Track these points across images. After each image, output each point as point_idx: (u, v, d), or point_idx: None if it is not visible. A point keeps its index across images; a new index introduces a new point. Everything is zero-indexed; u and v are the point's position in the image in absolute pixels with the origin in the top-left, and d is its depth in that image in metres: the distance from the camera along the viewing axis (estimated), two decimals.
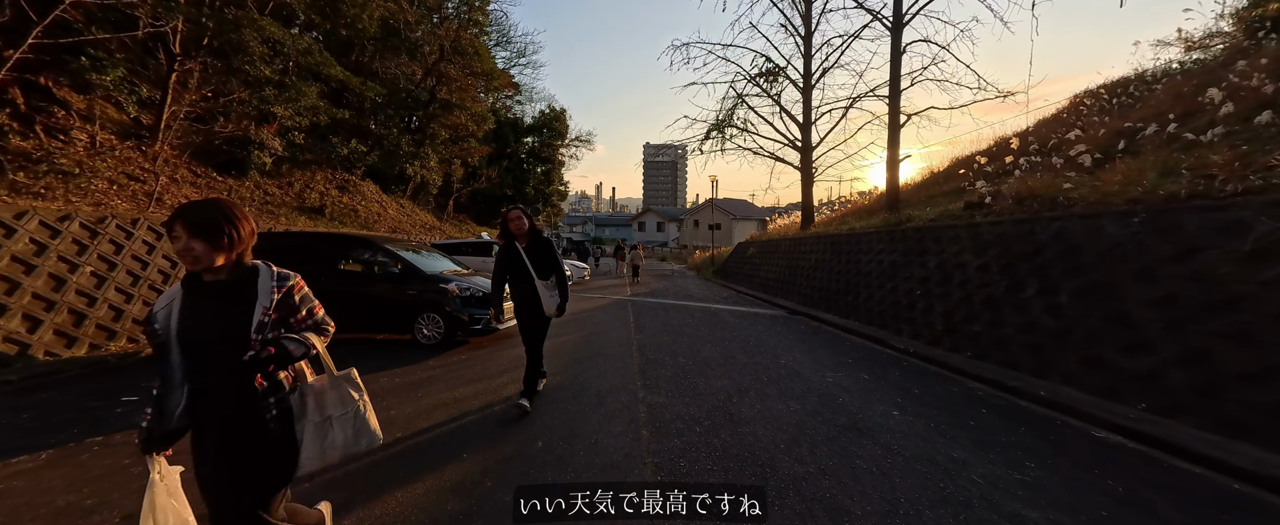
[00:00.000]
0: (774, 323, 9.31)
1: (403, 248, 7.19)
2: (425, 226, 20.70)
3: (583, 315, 9.79)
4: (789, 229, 19.78)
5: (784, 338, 7.67)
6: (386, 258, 6.79)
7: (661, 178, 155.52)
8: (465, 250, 14.66)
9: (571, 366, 5.55)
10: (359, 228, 14.77)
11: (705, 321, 9.19)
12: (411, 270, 6.63)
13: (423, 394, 4.48)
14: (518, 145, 32.01)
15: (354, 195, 17.01)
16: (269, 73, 11.44)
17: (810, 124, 16.63)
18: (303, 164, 15.41)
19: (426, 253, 7.73)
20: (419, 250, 7.74)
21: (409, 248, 7.54)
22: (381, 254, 6.83)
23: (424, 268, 6.79)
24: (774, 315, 10.49)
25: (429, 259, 7.38)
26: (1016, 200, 7.10)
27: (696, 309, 11.07)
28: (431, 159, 18.88)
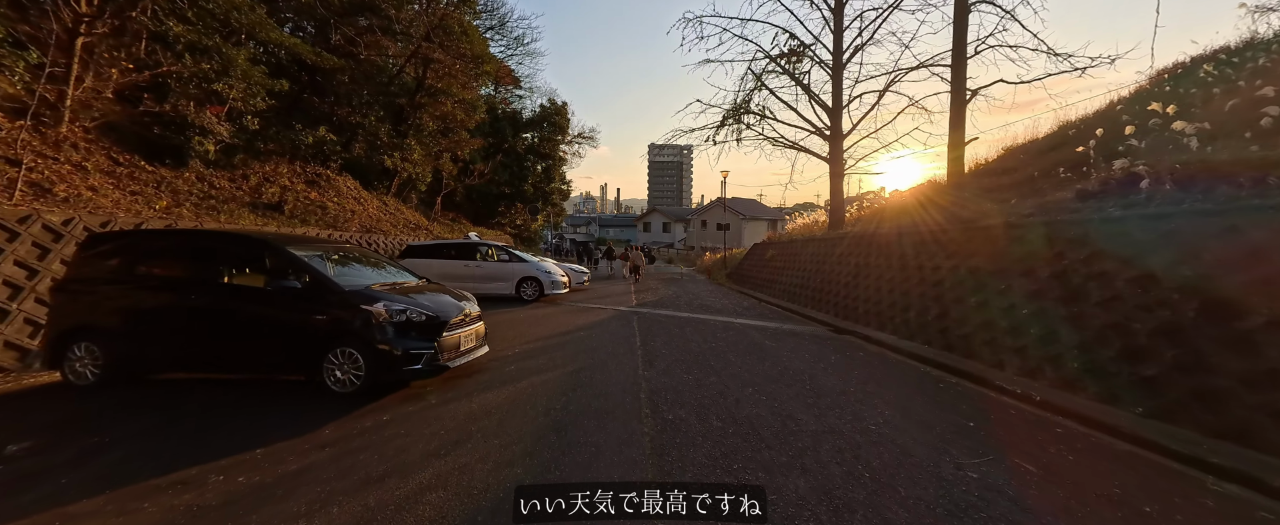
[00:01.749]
0: (821, 347, 7.27)
1: (315, 249, 5.11)
2: (410, 226, 18.81)
3: (575, 336, 7.80)
4: (811, 229, 17.72)
5: (846, 374, 5.64)
6: (282, 265, 4.74)
7: (666, 178, 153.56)
8: (447, 252, 12.71)
9: (544, 439, 3.55)
10: (324, 228, 12.89)
11: (733, 345, 7.17)
12: (320, 285, 4.62)
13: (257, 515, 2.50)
14: (516, 140, 30.12)
15: (326, 190, 15.13)
16: (179, 29, 9.51)
17: (841, 108, 14.57)
18: (262, 154, 13.53)
19: (361, 261, 5.72)
20: (353, 255, 5.75)
21: (337, 250, 5.55)
22: (277, 259, 4.79)
23: (343, 281, 4.79)
24: (815, 334, 8.46)
25: (356, 269, 5.39)
26: (1176, 181, 5.07)
27: (717, 325, 9.05)
28: (415, 151, 16.97)
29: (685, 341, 7.33)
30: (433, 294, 5.27)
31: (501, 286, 12.43)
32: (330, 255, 5.22)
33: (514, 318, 9.44)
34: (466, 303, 5.51)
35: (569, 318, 9.61)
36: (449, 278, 12.28)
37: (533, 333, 7.84)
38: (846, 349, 7.17)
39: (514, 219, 32.05)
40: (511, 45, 30.17)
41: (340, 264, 5.25)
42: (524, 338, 7.42)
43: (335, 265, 5.13)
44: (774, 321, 9.97)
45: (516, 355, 6.18)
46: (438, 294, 5.35)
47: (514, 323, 8.82)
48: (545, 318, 9.55)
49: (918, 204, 12.95)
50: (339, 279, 4.82)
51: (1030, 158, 10.30)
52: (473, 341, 5.30)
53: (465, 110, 18.43)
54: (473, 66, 17.82)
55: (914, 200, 14.51)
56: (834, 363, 6.16)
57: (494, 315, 9.58)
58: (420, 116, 18.59)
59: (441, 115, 19.23)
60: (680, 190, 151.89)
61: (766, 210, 55.44)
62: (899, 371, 5.84)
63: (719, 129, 16.37)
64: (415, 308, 4.68)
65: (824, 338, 8.05)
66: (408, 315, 4.57)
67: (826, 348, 7.19)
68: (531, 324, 8.73)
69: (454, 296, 5.45)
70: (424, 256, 12.50)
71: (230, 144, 11.99)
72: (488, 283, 12.43)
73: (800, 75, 15.24)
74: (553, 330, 8.12)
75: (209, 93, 10.90)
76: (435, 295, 5.24)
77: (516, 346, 6.75)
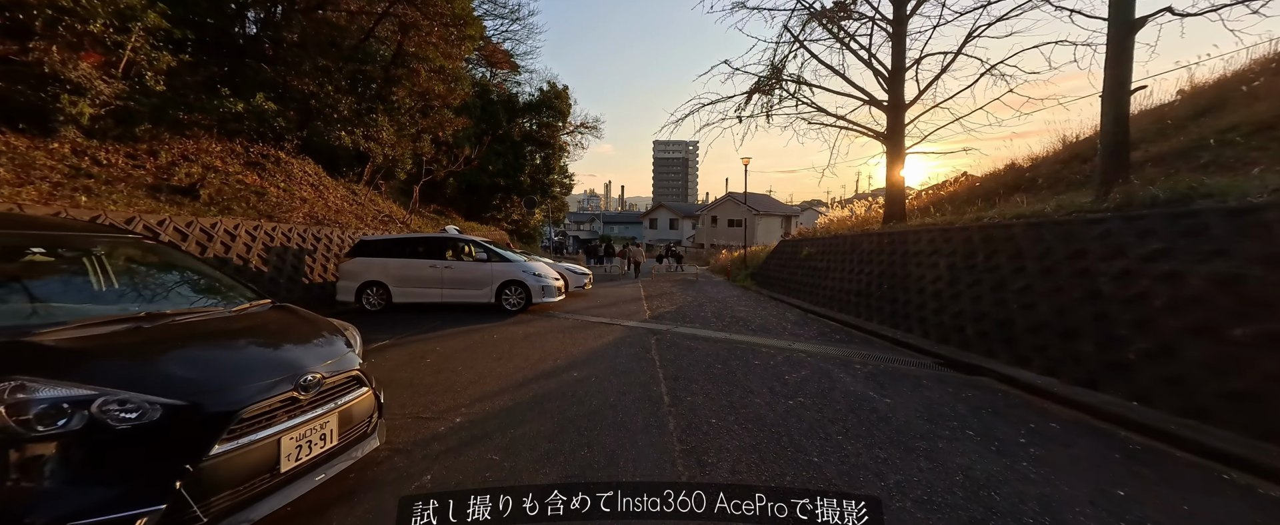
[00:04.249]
0: (966, 407, 4.46)
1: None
2: (383, 218, 16.11)
3: (563, 383, 5.03)
4: (855, 223, 14.90)
5: (1097, 495, 2.85)
6: None
7: (672, 175, 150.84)
8: (408, 250, 9.98)
9: None
10: (256, 218, 10.18)
11: (820, 402, 4.38)
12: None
13: None
14: (511, 126, 27.36)
15: (272, 175, 12.42)
16: None
17: (902, 72, 11.73)
18: (181, 126, 10.83)
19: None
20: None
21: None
22: None
23: None
24: (933, 376, 5.64)
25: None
26: None
27: (772, 356, 6.27)
28: (383, 128, 14.22)
29: (740, 393, 4.56)
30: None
31: (477, 293, 9.69)
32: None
33: (481, 341, 6.71)
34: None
35: (559, 340, 6.86)
36: (408, 283, 9.57)
37: (495, 376, 5.08)
38: (1010, 412, 4.36)
39: (510, 213, 29.34)
40: (507, 24, 27.41)
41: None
42: (480, 386, 4.67)
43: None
44: (842, 344, 7.18)
45: (437, 448, 3.42)
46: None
47: (476, 352, 6.08)
48: (526, 341, 6.80)
49: (986, 192, 10.14)
50: None
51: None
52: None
53: (445, 82, 15.63)
54: (454, 31, 15.06)
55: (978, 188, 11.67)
56: (1033, 454, 3.37)
57: (452, 338, 6.83)
58: (394, 91, 15.84)
59: (421, 91, 16.48)
60: (685, 187, 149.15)
61: (780, 206, 52.56)
62: (1172, 475, 3.06)
63: (748, 100, 13.58)
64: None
65: (952, 384, 5.25)
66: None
67: (977, 409, 4.39)
68: (502, 354, 5.98)
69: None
70: (378, 254, 9.79)
71: (127, 109, 9.29)
72: (459, 289, 9.70)
73: (849, 34, 12.41)
74: (530, 369, 5.37)
75: (83, 36, 8.18)
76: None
77: (454, 413, 4.00)
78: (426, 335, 7.15)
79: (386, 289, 9.61)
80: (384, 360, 5.60)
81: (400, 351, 6.06)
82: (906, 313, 8.29)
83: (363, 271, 9.63)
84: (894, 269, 9.37)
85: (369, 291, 9.63)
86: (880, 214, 15.12)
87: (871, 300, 9.67)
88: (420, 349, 6.20)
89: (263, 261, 9.19)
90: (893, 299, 8.93)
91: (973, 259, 7.29)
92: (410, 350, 6.13)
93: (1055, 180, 10.07)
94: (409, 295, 9.67)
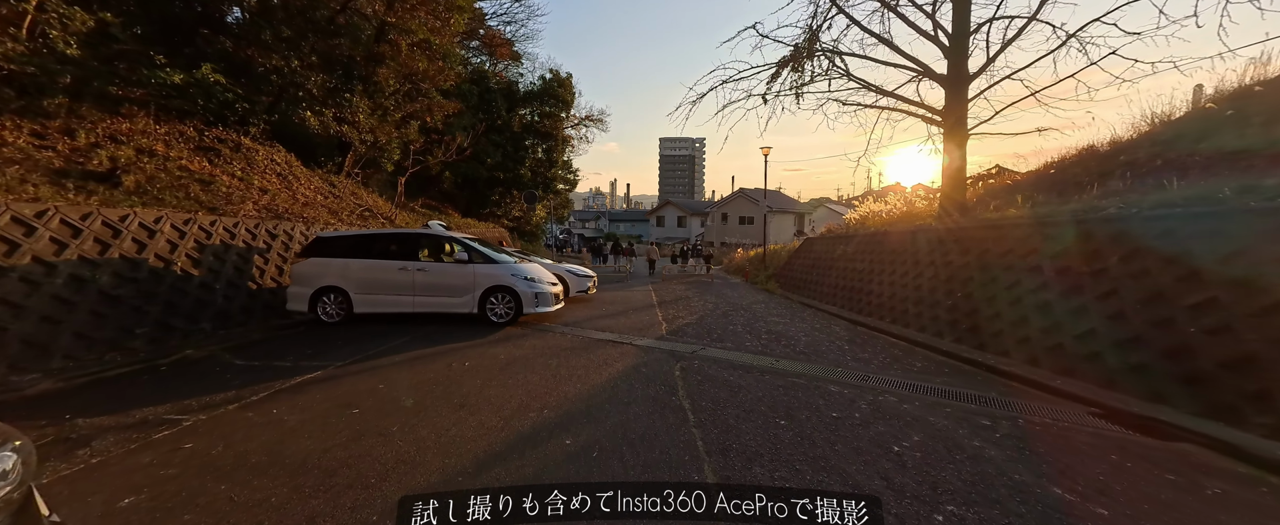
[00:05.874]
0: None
1: None
2: (362, 212, 14.41)
3: (561, 442, 3.27)
4: (899, 217, 13.04)
5: None
6: None
7: (678, 172, 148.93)
8: (375, 248, 8.27)
9: None
10: (193, 210, 8.47)
11: (991, 517, 2.57)
12: None
13: None
14: (511, 116, 25.62)
15: (229, 162, 10.74)
16: None
17: (966, 37, 9.85)
18: (112, 101, 9.16)
19: None
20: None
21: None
22: None
23: None
24: (1118, 445, 3.82)
25: None
26: None
27: (851, 399, 4.47)
28: (360, 109, 12.51)
29: (838, 486, 2.76)
30: None
31: (456, 302, 7.96)
32: None
33: (447, 372, 4.95)
34: None
35: (551, 372, 5.09)
36: (373, 288, 7.88)
37: (443, 448, 3.32)
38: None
39: (510, 210, 27.64)
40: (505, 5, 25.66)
41: None
42: (412, 475, 2.91)
43: None
44: (928, 376, 5.36)
45: None
46: None
47: (432, 393, 4.32)
48: (507, 372, 5.05)
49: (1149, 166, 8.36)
50: None
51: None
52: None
53: (431, 59, 13.87)
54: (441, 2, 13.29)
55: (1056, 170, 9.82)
56: None
57: (409, 367, 5.07)
58: (377, 71, 14.13)
59: (407, 73, 14.76)
60: (692, 184, 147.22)
61: (792, 203, 50.60)
62: None
63: (775, 76, 11.75)
64: None
65: (1161, 460, 3.44)
66: None
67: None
68: (468, 397, 4.22)
69: None
70: (338, 254, 8.08)
71: (32, 77, 7.63)
72: (434, 297, 7.97)
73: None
74: (499, 431, 3.60)
75: None
76: None
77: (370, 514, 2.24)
78: (376, 362, 5.41)
79: (347, 296, 7.90)
80: (292, 409, 3.86)
81: (325, 393, 4.31)
82: (996, 330, 6.46)
83: (318, 275, 7.93)
84: (971, 273, 7.54)
85: (325, 299, 7.92)
86: (927, 207, 13.29)
87: (939, 311, 7.84)
88: (355, 388, 4.46)
89: (193, 262, 7.49)
90: (973, 311, 7.10)
91: (1102, 262, 5.44)
92: (340, 390, 4.39)
93: (1165, 165, 8.17)
94: (374, 304, 7.96)
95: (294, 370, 5.06)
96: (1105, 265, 5.42)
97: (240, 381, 4.67)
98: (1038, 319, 5.94)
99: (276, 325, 7.90)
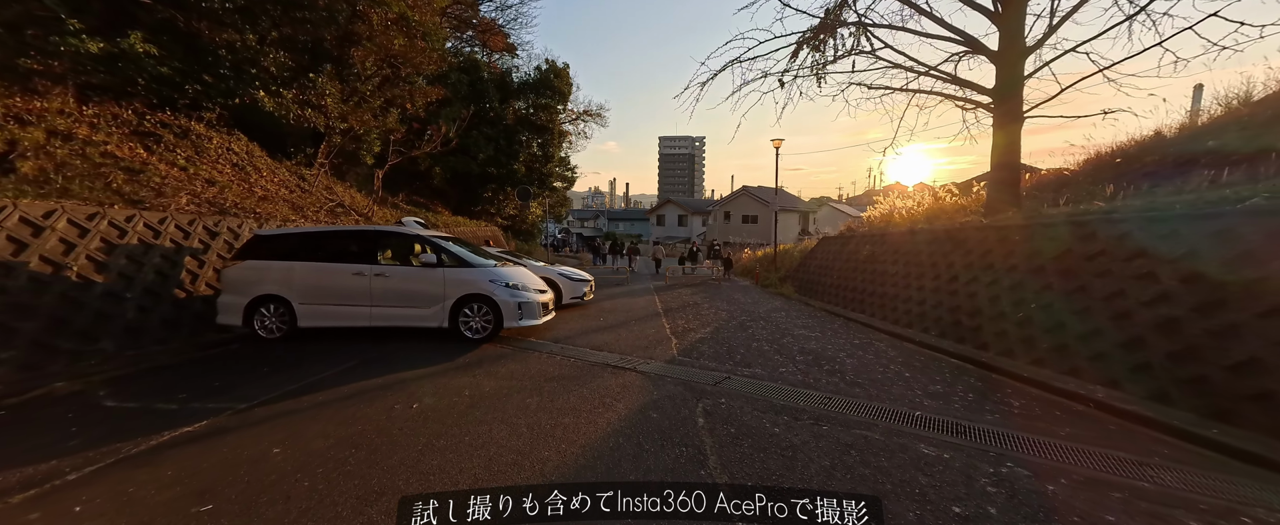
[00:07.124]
0: None
1: None
2: (334, 208, 13.01)
3: None
4: (935, 214, 11.68)
5: None
6: None
7: (678, 170, 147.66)
8: (327, 248, 6.86)
9: None
10: (108, 202, 7.07)
11: None
12: None
13: None
14: (505, 108, 24.20)
15: (169, 149, 9.31)
16: None
17: (1021, 3, 8.48)
18: (19, 74, 7.75)
19: None
20: None
21: None
22: None
23: None
24: None
25: None
26: None
27: (962, 469, 3.08)
28: (326, 91, 11.10)
29: None
30: None
31: (422, 314, 6.56)
32: None
33: (385, 422, 3.55)
34: None
35: (528, 420, 3.70)
36: (321, 297, 6.50)
37: None
38: None
39: (504, 207, 26.23)
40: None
41: None
42: None
43: None
44: (1043, 420, 3.98)
45: None
46: None
47: (342, 467, 2.92)
48: (466, 422, 3.65)
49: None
50: None
51: None
52: None
53: (409, 37, 12.45)
54: None
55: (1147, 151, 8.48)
56: None
57: (337, 410, 3.60)
58: (352, 52, 12.74)
59: (387, 55, 13.36)
60: (691, 183, 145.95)
61: (797, 201, 49.28)
62: None
63: (795, 54, 10.38)
64: None
65: None
66: None
67: None
68: (390, 480, 2.83)
69: None
70: (281, 255, 6.68)
71: None
72: (395, 307, 6.58)
73: None
74: None
75: None
76: None
77: None
78: (296, 402, 4.01)
79: (289, 307, 6.50)
80: (111, 501, 2.46)
81: (182, 466, 2.91)
82: (1098, 352, 5.07)
83: (255, 281, 6.53)
84: (1049, 280, 6.16)
85: (263, 311, 6.52)
86: (959, 203, 11.92)
87: (1006, 324, 6.46)
88: (236, 455, 3.05)
89: (96, 267, 6.08)
90: (1054, 327, 5.71)
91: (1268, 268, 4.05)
92: (211, 459, 2.99)
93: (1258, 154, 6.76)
94: (322, 316, 6.56)
95: (173, 418, 3.66)
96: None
97: (83, 439, 3.27)
98: (1157, 341, 4.54)
99: (203, 343, 6.49)
